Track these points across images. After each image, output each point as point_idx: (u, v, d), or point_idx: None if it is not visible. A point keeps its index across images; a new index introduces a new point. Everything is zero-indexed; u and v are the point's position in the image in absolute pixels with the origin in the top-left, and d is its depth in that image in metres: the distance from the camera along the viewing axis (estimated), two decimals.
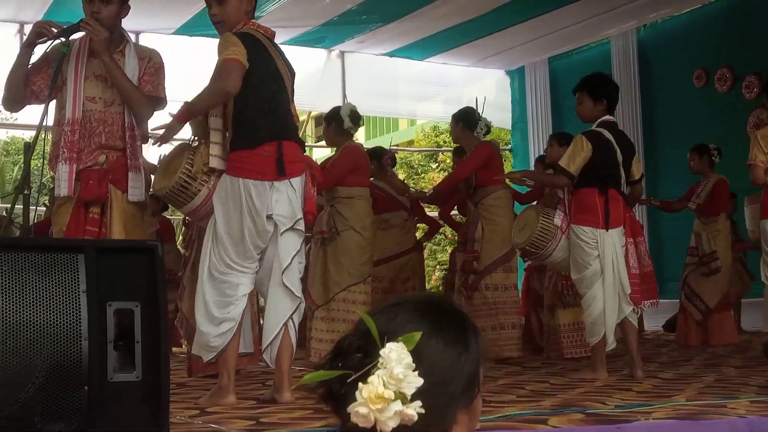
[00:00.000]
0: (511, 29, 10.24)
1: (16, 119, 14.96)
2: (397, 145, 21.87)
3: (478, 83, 12.11)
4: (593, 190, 5.16)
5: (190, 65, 8.62)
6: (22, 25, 9.15)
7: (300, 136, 4.43)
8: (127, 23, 4.31)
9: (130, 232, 4.00)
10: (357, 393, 1.27)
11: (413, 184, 17.34)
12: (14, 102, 4.18)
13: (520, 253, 5.58)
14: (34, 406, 2.38)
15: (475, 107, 6.71)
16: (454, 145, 7.76)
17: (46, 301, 2.42)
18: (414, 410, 1.27)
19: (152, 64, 4.24)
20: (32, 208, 4.06)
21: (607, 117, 5.31)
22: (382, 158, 7.43)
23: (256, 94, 4.00)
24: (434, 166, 19.10)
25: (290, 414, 3.57)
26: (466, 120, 6.60)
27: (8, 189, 23.83)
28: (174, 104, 4.28)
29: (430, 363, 1.32)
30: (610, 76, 6.66)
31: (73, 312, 2.44)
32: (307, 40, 10.29)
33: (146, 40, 9.14)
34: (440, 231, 10.03)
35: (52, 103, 4.13)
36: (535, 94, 11.78)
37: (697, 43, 9.79)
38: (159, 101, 4.26)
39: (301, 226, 4.07)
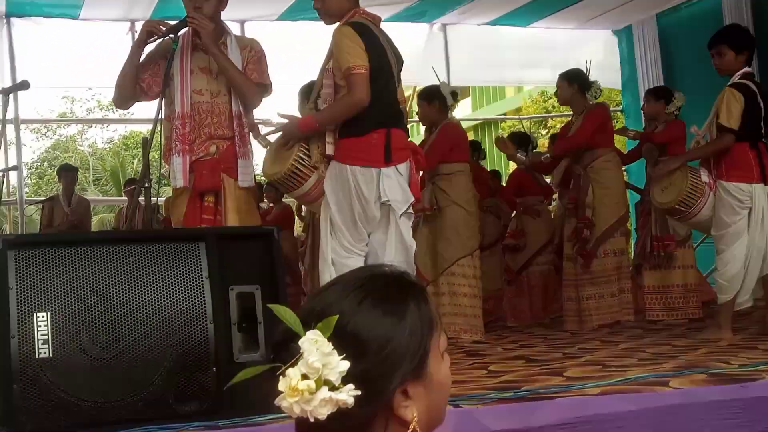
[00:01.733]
0: None
1: (133, 114, 15.42)
2: (505, 114, 21.75)
3: (584, 45, 11.86)
4: (745, 144, 5.05)
5: (295, 50, 8.75)
6: (132, 23, 9.41)
7: (407, 113, 4.46)
8: (231, 13, 4.43)
9: (243, 218, 4.14)
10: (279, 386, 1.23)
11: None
12: (125, 99, 4.33)
13: (666, 212, 5.43)
14: (168, 388, 2.51)
15: (584, 70, 6.61)
16: (564, 108, 7.62)
17: (173, 289, 2.55)
18: (347, 394, 1.21)
19: (254, 52, 4.35)
20: (153, 199, 4.23)
21: (747, 69, 5.19)
22: None
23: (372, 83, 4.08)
24: (544, 132, 18.88)
25: None
26: (581, 81, 6.50)
27: None
28: (280, 89, 4.38)
29: (363, 339, 1.26)
30: (747, 28, 6.39)
31: (197, 297, 2.57)
32: (409, 15, 10.27)
33: (250, 28, 9.29)
34: None
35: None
36: (644, 52, 11.45)
37: None
38: (266, 88, 4.38)
39: (412, 209, 4.17)
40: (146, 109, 5.99)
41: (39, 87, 6.95)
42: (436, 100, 6.26)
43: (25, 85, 4.68)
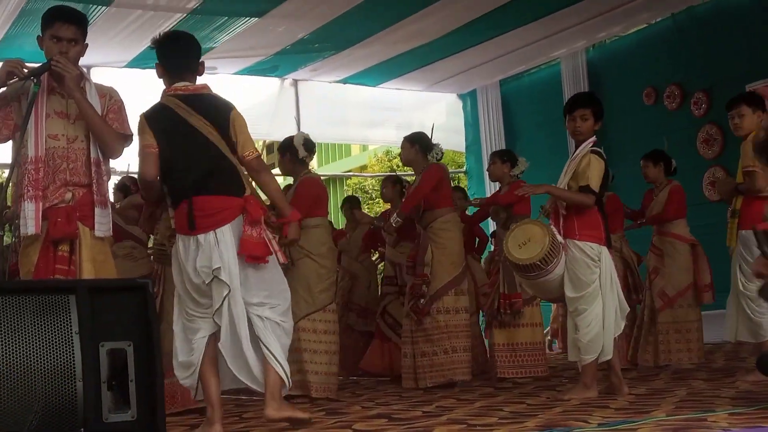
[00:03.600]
0: (462, 53, 10.36)
1: None
2: (350, 171, 21.95)
3: (430, 107, 12.22)
4: (595, 207, 5.23)
5: (142, 98, 8.56)
6: None
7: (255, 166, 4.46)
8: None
9: (99, 268, 3.98)
10: None
11: (367, 209, 17.39)
12: None
13: (520, 269, 5.43)
14: None
15: (427, 133, 6.78)
16: (408, 168, 7.76)
17: (39, 344, 2.40)
18: None
19: (114, 101, 4.26)
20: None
21: (594, 137, 5.39)
22: None
23: (169, 159, 4.24)
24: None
25: None
26: (422, 143, 6.65)
27: None
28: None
29: None
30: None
31: (66, 353, 2.43)
32: (261, 69, 10.31)
33: (98, 74, 9.06)
34: None
35: (10, 144, 4.14)
36: (487, 116, 11.91)
37: (646, 61, 10.00)
38: (126, 138, 4.29)
39: (222, 275, 4.10)
40: None
41: None
42: (287, 151, 6.26)
43: None
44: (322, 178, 6.75)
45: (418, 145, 6.66)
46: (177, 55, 4.38)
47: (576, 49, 10.68)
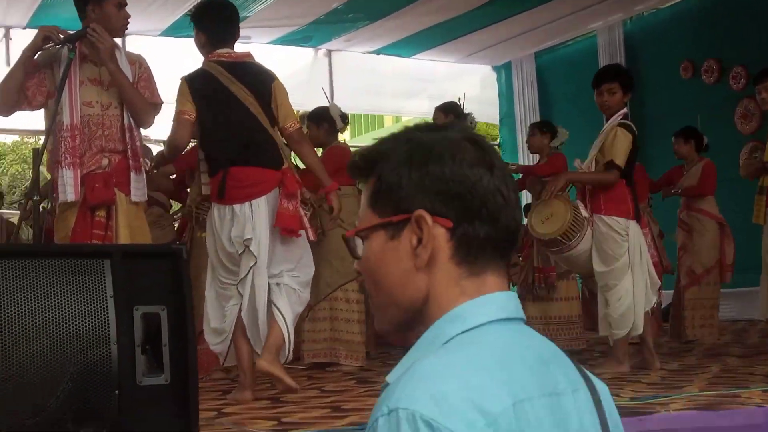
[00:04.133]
0: (496, 25, 10.24)
1: None
2: None
3: (463, 79, 12.14)
4: (623, 181, 5.18)
5: (176, 67, 8.59)
6: (7, 30, 9.09)
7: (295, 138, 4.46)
8: None
9: (135, 233, 4.03)
10: None
11: None
12: (8, 107, 4.13)
13: (544, 244, 5.44)
14: (66, 411, 2.38)
15: (459, 101, 6.76)
16: None
17: (74, 307, 2.42)
18: None
19: (143, 69, 4.31)
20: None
21: (626, 109, 5.35)
22: None
23: (208, 126, 4.29)
24: None
25: (309, 413, 3.58)
26: (456, 112, 6.61)
27: None
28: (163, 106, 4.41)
29: None
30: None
31: (101, 317, 2.44)
32: (294, 39, 10.27)
33: (132, 42, 9.08)
34: None
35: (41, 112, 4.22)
36: (522, 88, 11.80)
37: (684, 35, 9.84)
38: (157, 107, 4.32)
39: (251, 245, 4.16)
40: (14, 119, 5.74)
41: None
42: (324, 122, 6.25)
43: None
44: (354, 149, 6.74)
45: (452, 114, 6.62)
46: (219, 22, 4.40)
47: (612, 22, 10.52)
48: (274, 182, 4.21)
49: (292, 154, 4.64)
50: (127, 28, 4.23)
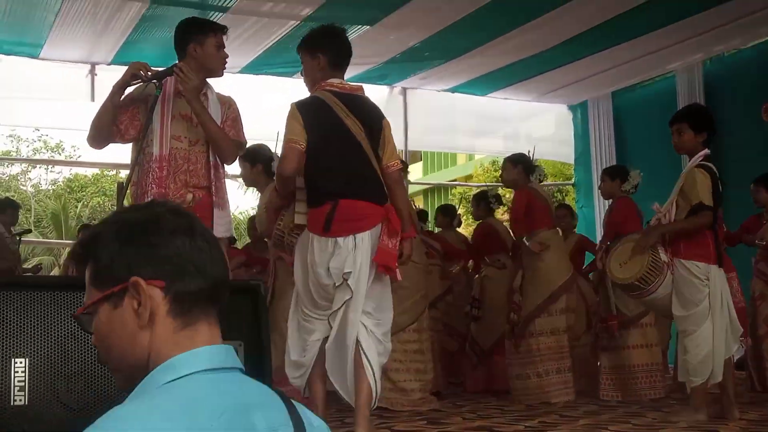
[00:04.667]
0: (573, 64, 10.19)
1: (80, 156, 15.23)
2: (455, 180, 21.93)
3: (538, 118, 12.11)
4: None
5: (255, 104, 8.75)
6: (93, 66, 9.38)
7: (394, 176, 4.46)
8: None
9: None
10: None
11: (472, 219, 17.27)
12: (101, 140, 4.23)
13: (622, 288, 5.40)
14: None
15: (528, 154, 6.74)
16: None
17: None
18: None
19: (232, 110, 4.39)
20: None
21: (707, 150, 5.26)
22: None
23: (317, 156, 4.22)
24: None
25: None
26: (525, 164, 6.60)
27: (71, 225, 24.31)
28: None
29: None
30: (708, 109, 6.45)
31: None
32: (371, 77, 10.37)
33: (213, 78, 9.29)
34: None
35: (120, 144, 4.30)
36: (598, 128, 11.69)
37: (766, 77, 9.66)
38: (241, 146, 4.40)
39: (350, 279, 4.11)
40: (93, 153, 5.89)
41: None
42: None
43: None
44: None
45: (521, 165, 6.59)
46: (340, 46, 4.43)
47: (692, 62, 10.37)
48: (379, 217, 4.19)
49: None
50: (225, 68, 4.32)
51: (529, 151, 6.84)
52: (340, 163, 4.22)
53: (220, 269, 1.45)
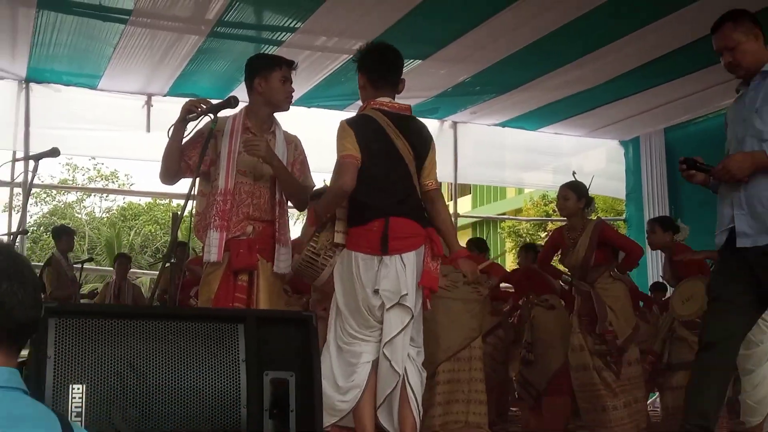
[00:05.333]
0: (626, 99, 10.15)
1: (133, 185, 15.48)
2: (504, 214, 21.88)
3: (588, 153, 12.06)
4: None
5: (306, 136, 8.83)
6: (149, 97, 9.56)
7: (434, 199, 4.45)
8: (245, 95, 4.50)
9: (275, 301, 4.14)
10: None
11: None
12: (171, 176, 4.31)
13: (684, 325, 5.36)
14: None
15: (584, 184, 6.70)
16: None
17: (209, 369, 2.51)
18: None
19: (299, 152, 4.47)
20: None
21: None
22: None
23: (367, 173, 4.15)
24: (543, 234, 18.96)
25: None
26: (582, 193, 6.56)
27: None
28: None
29: None
30: None
31: (233, 380, 2.53)
32: (422, 110, 10.39)
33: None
34: None
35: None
36: (650, 164, 11.61)
37: None
38: (310, 190, 4.50)
39: (407, 301, 4.05)
40: (145, 182, 6.00)
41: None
42: None
43: (55, 153, 4.69)
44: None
45: (585, 199, 6.55)
46: (380, 64, 4.36)
47: None
48: (424, 239, 4.17)
49: None
50: (291, 102, 4.38)
51: (590, 180, 6.79)
52: (389, 183, 4.18)
53: (27, 314, 1.66)
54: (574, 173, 6.78)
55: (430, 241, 4.21)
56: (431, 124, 10.94)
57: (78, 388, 2.37)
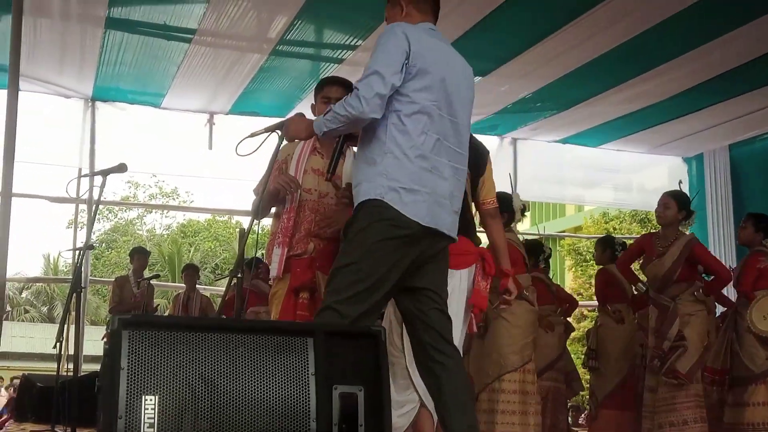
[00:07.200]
0: (690, 116, 9.98)
1: (192, 201, 15.69)
2: (564, 231, 21.69)
3: (650, 169, 11.88)
4: None
5: None
6: (211, 115, 9.66)
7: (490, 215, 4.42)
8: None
9: None
10: None
11: (581, 271, 17.05)
12: (263, 213, 4.42)
13: (761, 341, 5.28)
14: None
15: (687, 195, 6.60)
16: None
17: (279, 382, 2.52)
18: None
19: None
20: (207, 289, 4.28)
21: None
22: None
23: None
24: None
25: None
26: (684, 202, 6.44)
27: None
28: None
29: None
30: None
31: (302, 394, 2.53)
32: (482, 127, 10.37)
33: None
34: None
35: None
36: (714, 181, 11.39)
37: None
38: None
39: (455, 320, 4.03)
40: (204, 198, 6.09)
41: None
42: (505, 211, 6.17)
43: (122, 168, 4.79)
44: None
45: (685, 211, 6.45)
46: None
47: None
48: (476, 257, 4.15)
49: None
50: None
51: (694, 197, 6.70)
52: None
53: None
54: (680, 182, 6.70)
55: (482, 260, 4.19)
56: (491, 141, 10.94)
57: (150, 400, 2.39)
